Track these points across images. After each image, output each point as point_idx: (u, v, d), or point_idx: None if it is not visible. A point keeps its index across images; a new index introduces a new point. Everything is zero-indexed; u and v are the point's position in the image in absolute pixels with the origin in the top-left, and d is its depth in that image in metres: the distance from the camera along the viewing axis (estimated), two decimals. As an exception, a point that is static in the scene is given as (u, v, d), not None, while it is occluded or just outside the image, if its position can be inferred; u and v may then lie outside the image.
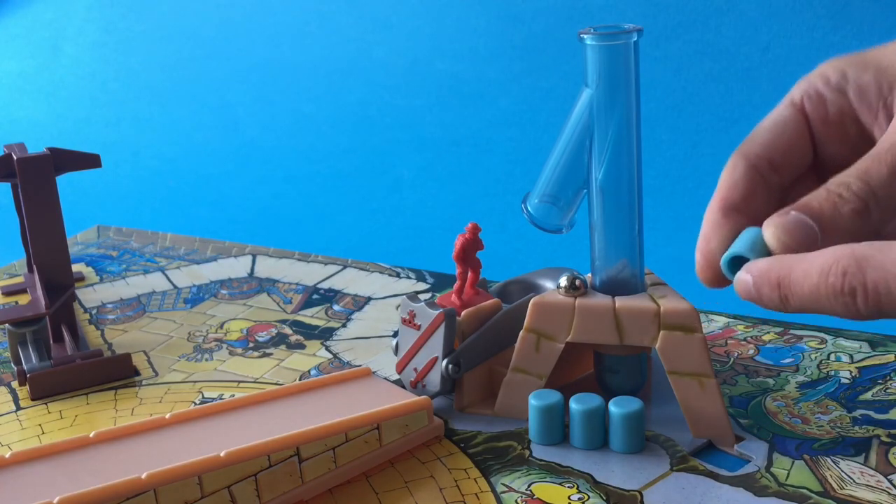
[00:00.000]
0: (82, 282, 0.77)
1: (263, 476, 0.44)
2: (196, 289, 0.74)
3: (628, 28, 0.46)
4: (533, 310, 0.49)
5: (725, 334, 0.60)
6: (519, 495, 0.45)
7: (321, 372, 0.59)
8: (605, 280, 0.49)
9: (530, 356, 0.50)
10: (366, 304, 0.69)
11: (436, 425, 0.50)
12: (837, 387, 0.53)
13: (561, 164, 0.48)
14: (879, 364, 0.55)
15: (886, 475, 0.44)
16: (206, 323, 0.67)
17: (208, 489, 0.42)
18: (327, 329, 0.65)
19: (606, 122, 0.47)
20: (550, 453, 0.48)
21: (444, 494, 0.45)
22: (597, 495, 0.44)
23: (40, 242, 0.61)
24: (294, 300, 0.70)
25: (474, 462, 0.48)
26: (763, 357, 0.57)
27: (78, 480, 0.42)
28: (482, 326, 0.52)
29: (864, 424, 0.49)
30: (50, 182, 0.61)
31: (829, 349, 0.57)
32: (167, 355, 0.63)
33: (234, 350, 0.63)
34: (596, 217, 0.48)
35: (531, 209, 0.49)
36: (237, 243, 0.83)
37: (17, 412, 0.56)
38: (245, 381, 0.58)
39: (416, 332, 0.52)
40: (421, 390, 0.52)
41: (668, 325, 0.47)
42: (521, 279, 0.57)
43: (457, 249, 0.53)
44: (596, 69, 0.46)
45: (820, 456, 0.46)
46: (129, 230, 0.88)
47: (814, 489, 0.44)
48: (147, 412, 0.55)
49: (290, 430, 0.45)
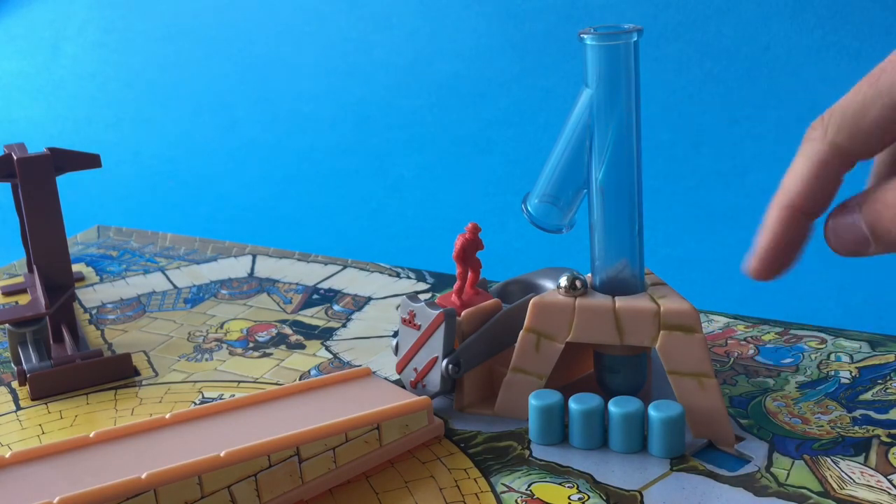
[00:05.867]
0: (82, 282, 0.77)
1: (263, 476, 0.44)
2: (196, 289, 0.74)
3: (628, 28, 0.46)
4: (533, 310, 0.49)
5: (725, 334, 0.60)
6: (519, 495, 0.45)
7: (321, 372, 0.59)
8: (605, 280, 0.49)
9: (530, 356, 0.50)
10: (366, 304, 0.69)
11: (436, 425, 0.50)
12: (837, 387, 0.53)
13: (561, 164, 0.48)
14: (879, 364, 0.55)
15: (886, 475, 0.44)
16: (206, 323, 0.67)
17: (208, 489, 0.42)
18: (327, 329, 0.65)
19: (606, 122, 0.47)
20: (550, 453, 0.48)
21: (444, 494, 0.45)
22: (597, 495, 0.44)
23: (40, 242, 0.61)
24: (294, 300, 0.70)
25: (474, 462, 0.48)
26: (763, 357, 0.57)
27: (78, 480, 0.42)
28: (482, 326, 0.52)
29: (864, 424, 0.49)
30: (50, 182, 0.61)
31: (829, 349, 0.57)
32: (167, 355, 0.63)
33: (234, 350, 0.63)
34: (596, 217, 0.48)
35: (531, 209, 0.49)
36: (237, 243, 0.83)
37: (17, 412, 0.56)
38: (245, 381, 0.58)
39: (416, 332, 0.52)
40: (421, 390, 0.52)
41: (668, 325, 0.47)
42: (521, 279, 0.57)
43: (457, 249, 0.53)
44: (596, 69, 0.46)
45: (820, 456, 0.46)
46: (129, 230, 0.88)
47: (814, 489, 0.44)
48: (147, 412, 0.55)
49: (290, 430, 0.45)
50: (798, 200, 0.40)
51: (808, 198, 0.40)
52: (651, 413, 0.47)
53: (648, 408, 0.47)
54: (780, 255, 0.41)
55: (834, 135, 0.39)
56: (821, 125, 0.39)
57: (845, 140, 0.39)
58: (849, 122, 0.39)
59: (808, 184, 0.40)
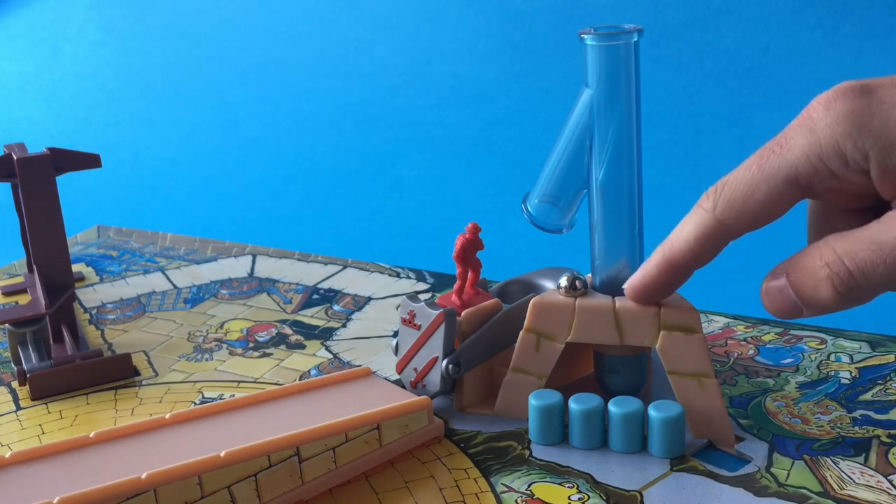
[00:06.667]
0: (82, 282, 0.77)
1: (263, 476, 0.44)
2: (196, 289, 0.74)
3: (628, 28, 0.46)
4: (533, 310, 0.49)
5: (725, 334, 0.60)
6: (519, 495, 0.45)
7: (321, 372, 0.59)
8: (605, 280, 0.49)
9: (530, 356, 0.50)
10: (366, 304, 0.69)
11: (436, 425, 0.50)
12: (837, 387, 0.53)
13: (561, 164, 0.48)
14: (879, 364, 0.55)
15: (886, 475, 0.44)
16: (206, 323, 0.67)
17: (208, 489, 0.42)
18: (327, 329, 0.65)
19: (606, 122, 0.47)
20: (550, 453, 0.48)
21: (444, 494, 0.45)
22: (597, 495, 0.44)
23: (40, 242, 0.61)
24: (294, 300, 0.70)
25: (474, 462, 0.48)
26: (763, 357, 0.57)
27: (78, 480, 0.42)
28: (482, 326, 0.52)
29: (864, 425, 0.49)
30: (50, 182, 0.61)
31: (829, 349, 0.57)
32: (167, 355, 0.63)
33: (234, 350, 0.63)
34: (596, 217, 0.48)
35: (531, 209, 0.49)
36: (237, 243, 0.83)
37: (17, 412, 0.56)
38: (245, 381, 0.58)
39: (416, 332, 0.52)
40: (421, 390, 0.52)
41: (668, 325, 0.47)
42: (521, 279, 0.57)
43: (457, 249, 0.53)
44: (596, 69, 0.46)
45: (820, 456, 0.46)
46: (129, 230, 0.88)
47: (814, 489, 0.44)
48: (147, 412, 0.55)
49: (290, 430, 0.45)
50: (680, 259, 0.44)
51: (690, 259, 0.44)
52: (651, 413, 0.47)
53: (648, 408, 0.47)
54: (653, 292, 0.46)
55: (721, 212, 0.42)
56: (712, 196, 0.42)
57: (731, 219, 0.42)
58: (737, 202, 0.42)
59: (692, 247, 0.43)
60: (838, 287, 0.39)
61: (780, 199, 0.41)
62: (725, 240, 0.43)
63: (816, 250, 0.40)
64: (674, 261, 0.44)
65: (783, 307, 0.41)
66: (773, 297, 0.42)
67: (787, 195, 0.41)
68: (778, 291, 0.41)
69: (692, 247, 0.43)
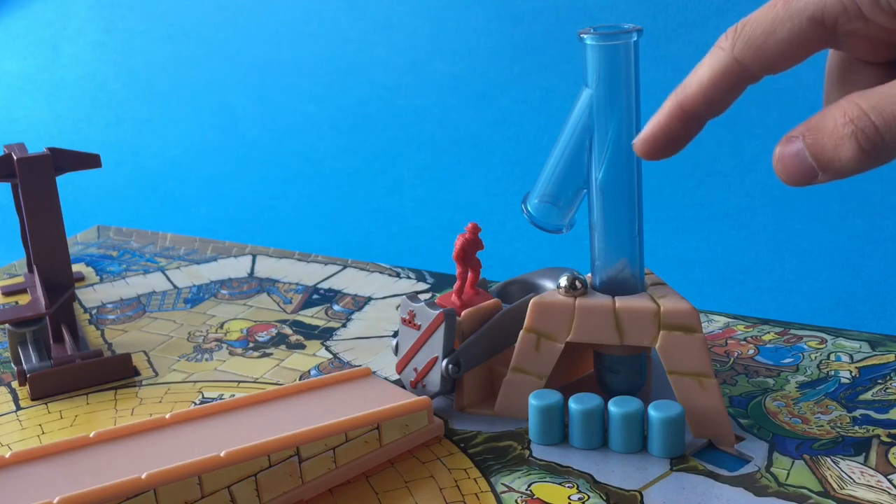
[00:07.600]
0: (82, 282, 0.77)
1: (263, 476, 0.44)
2: (196, 289, 0.74)
3: (628, 28, 0.46)
4: (533, 310, 0.49)
5: (725, 334, 0.60)
6: (519, 495, 0.45)
7: (321, 372, 0.59)
8: (605, 280, 0.49)
9: (530, 356, 0.50)
10: (366, 304, 0.69)
11: (436, 425, 0.50)
12: (837, 387, 0.53)
13: (561, 164, 0.48)
14: (879, 364, 0.55)
15: (886, 475, 0.44)
16: (206, 323, 0.67)
17: (208, 489, 0.42)
18: (327, 329, 0.65)
19: (606, 122, 0.47)
20: (550, 453, 0.48)
21: (444, 494, 0.45)
22: (597, 495, 0.44)
23: (40, 242, 0.61)
24: (294, 300, 0.70)
25: (474, 462, 0.48)
26: (763, 357, 0.57)
27: (78, 480, 0.42)
28: (482, 326, 0.52)
29: (864, 424, 0.49)
30: (50, 182, 0.61)
31: (829, 349, 0.57)
32: (167, 355, 0.63)
33: (234, 350, 0.63)
34: (596, 217, 0.48)
35: (531, 209, 0.49)
36: (237, 243, 0.83)
37: (17, 412, 0.56)
38: (245, 381, 0.58)
39: (416, 332, 0.52)
40: (421, 390, 0.52)
41: (668, 325, 0.47)
42: (521, 279, 0.57)
43: (457, 249, 0.53)
44: (596, 69, 0.46)
45: (820, 456, 0.46)
46: (129, 230, 0.88)
47: (814, 489, 0.44)
48: (147, 412, 0.55)
49: (290, 430, 0.45)
50: (692, 104, 0.41)
51: (703, 104, 0.41)
52: (651, 413, 0.47)
53: (648, 408, 0.47)
54: (664, 144, 0.43)
55: (740, 50, 0.40)
56: (731, 35, 0.40)
57: (750, 57, 0.39)
58: (757, 39, 0.39)
59: (707, 90, 0.41)
60: (863, 143, 0.36)
61: (802, 38, 0.39)
62: (742, 82, 0.40)
63: (838, 108, 0.37)
64: (686, 105, 0.41)
65: (798, 172, 0.38)
66: (786, 163, 0.39)
67: (812, 35, 0.39)
68: (793, 156, 0.38)
69: (706, 90, 0.41)
